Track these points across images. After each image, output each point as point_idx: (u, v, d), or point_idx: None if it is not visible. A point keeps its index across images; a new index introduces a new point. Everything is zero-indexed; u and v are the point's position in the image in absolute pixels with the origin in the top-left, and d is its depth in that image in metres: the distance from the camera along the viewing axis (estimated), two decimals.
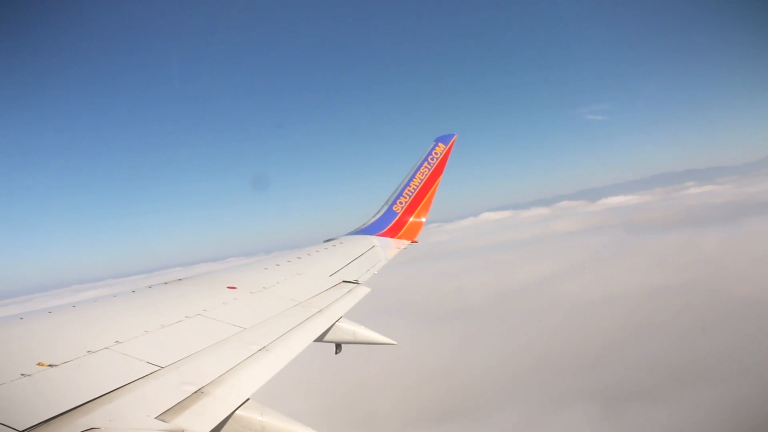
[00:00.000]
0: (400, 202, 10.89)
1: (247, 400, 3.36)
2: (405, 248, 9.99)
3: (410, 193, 10.89)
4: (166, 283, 5.78)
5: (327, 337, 5.31)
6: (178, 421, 2.85)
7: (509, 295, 79.96)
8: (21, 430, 2.42)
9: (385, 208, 10.99)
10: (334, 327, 5.35)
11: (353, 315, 5.77)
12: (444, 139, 11.24)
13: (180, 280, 6.01)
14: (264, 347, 4.11)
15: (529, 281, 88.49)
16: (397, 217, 10.76)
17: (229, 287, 5.72)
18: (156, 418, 2.82)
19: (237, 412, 3.25)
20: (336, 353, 5.57)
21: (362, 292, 6.50)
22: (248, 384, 3.53)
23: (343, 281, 6.76)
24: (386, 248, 9.47)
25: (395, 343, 5.80)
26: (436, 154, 11.05)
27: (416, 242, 10.51)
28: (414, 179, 10.97)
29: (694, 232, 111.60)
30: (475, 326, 67.19)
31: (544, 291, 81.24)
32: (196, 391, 3.20)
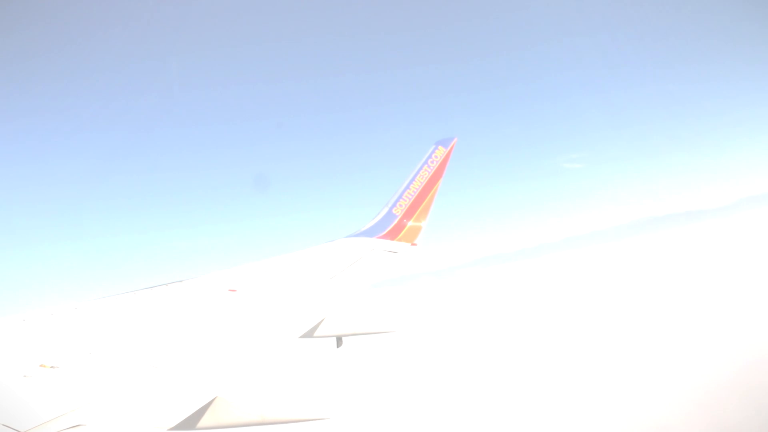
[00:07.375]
0: (400, 205, 10.86)
1: (233, 385, 3.44)
2: (404, 252, 10.00)
3: (410, 196, 10.87)
4: (167, 285, 5.83)
5: (327, 332, 5.37)
6: (168, 418, 2.91)
7: None
8: (23, 431, 2.46)
9: (385, 210, 10.96)
10: (333, 321, 5.43)
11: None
12: (444, 142, 11.24)
13: (181, 281, 6.06)
14: (259, 348, 4.19)
15: None
16: (396, 220, 10.75)
17: (229, 290, 5.77)
18: (145, 417, 2.88)
19: (236, 402, 3.33)
20: (337, 347, 5.62)
21: (360, 290, 6.59)
22: (236, 374, 3.61)
23: (344, 283, 6.81)
24: (386, 251, 9.50)
25: (394, 330, 5.84)
26: (436, 157, 11.05)
27: (415, 245, 10.49)
28: (414, 182, 10.95)
29: None
30: None
31: None
32: (189, 390, 3.26)
